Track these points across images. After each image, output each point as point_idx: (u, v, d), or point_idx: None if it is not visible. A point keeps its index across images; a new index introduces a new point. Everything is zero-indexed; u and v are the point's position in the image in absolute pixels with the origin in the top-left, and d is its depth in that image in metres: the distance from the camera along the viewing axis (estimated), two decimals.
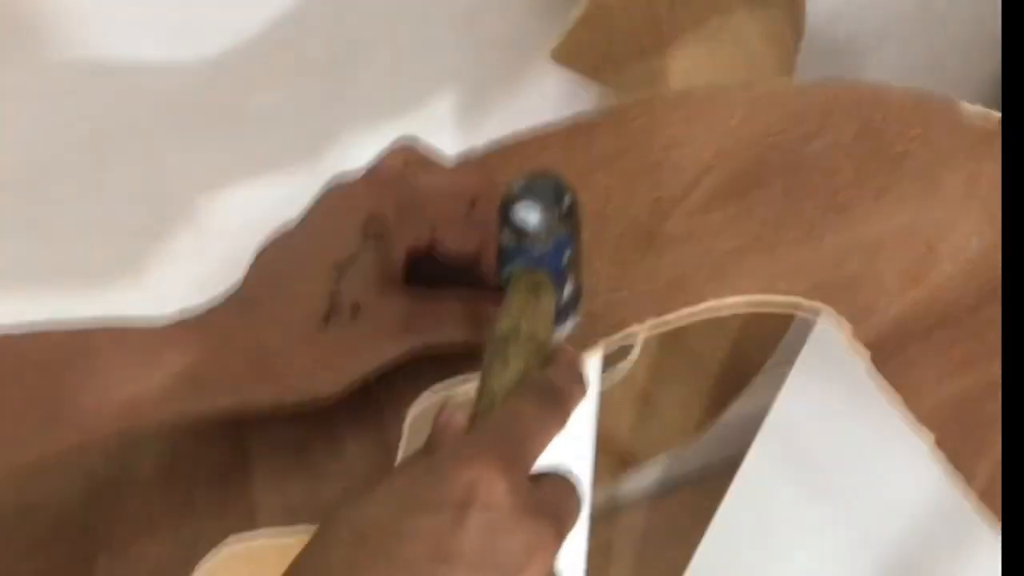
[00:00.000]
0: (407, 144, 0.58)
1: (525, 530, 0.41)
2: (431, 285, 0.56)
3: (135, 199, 0.91)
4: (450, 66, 0.96)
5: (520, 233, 0.51)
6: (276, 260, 0.56)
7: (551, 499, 0.44)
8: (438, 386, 0.58)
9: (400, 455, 0.56)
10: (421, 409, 0.58)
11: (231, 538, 0.53)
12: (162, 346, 0.52)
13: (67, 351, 0.51)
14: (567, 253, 0.53)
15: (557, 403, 0.46)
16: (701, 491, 1.49)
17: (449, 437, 0.45)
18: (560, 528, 0.43)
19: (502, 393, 0.47)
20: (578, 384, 0.48)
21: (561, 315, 0.55)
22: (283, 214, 0.65)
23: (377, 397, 0.57)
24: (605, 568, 1.52)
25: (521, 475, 0.43)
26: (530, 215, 0.51)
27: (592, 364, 0.65)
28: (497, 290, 0.53)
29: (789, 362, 0.97)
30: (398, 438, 0.56)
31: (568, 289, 0.55)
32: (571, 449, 0.76)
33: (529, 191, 0.51)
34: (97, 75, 0.81)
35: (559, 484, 0.45)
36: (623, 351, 1.17)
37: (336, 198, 0.57)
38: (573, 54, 0.91)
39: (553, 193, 0.51)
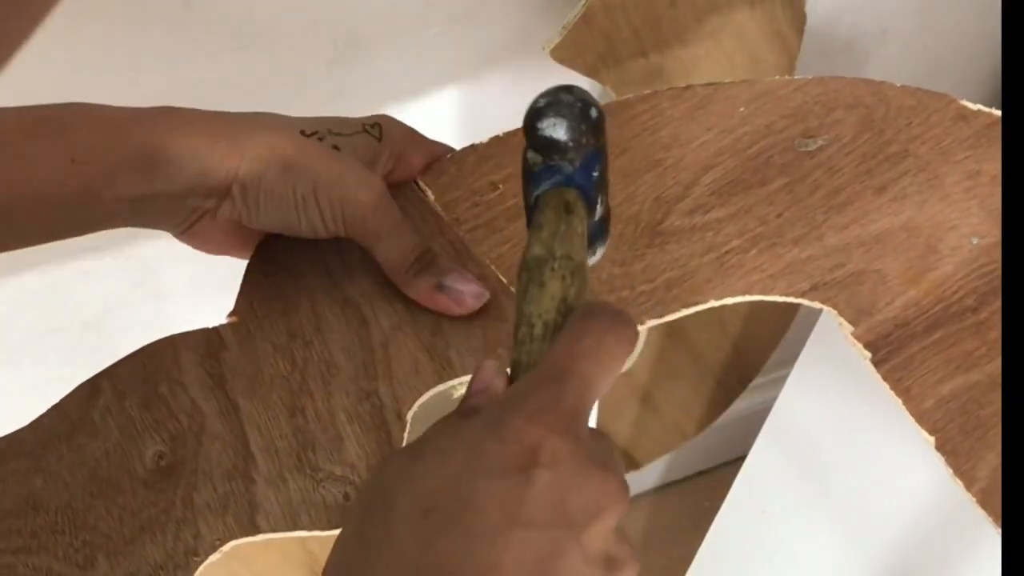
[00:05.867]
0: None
1: (595, 483, 0.40)
2: None
3: None
4: (450, 66, 0.96)
5: (546, 150, 0.48)
6: None
7: (609, 449, 0.42)
8: (439, 387, 0.58)
9: None
10: (421, 409, 0.58)
11: (230, 544, 0.53)
12: (129, 123, 0.56)
13: (42, 127, 0.54)
14: (597, 170, 0.49)
15: (616, 329, 0.42)
16: (701, 491, 1.50)
17: (487, 400, 0.43)
18: (623, 481, 0.41)
19: (541, 319, 0.44)
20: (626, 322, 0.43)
21: (591, 241, 0.51)
22: None
23: (379, 396, 0.57)
24: None
25: (583, 426, 0.41)
26: (557, 129, 0.47)
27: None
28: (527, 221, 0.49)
29: (790, 362, 0.97)
30: (399, 438, 0.56)
31: (599, 211, 0.51)
32: None
33: (554, 105, 0.48)
34: (97, 72, 0.81)
35: (606, 438, 0.43)
36: None
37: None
38: (573, 53, 0.91)
39: (580, 105, 0.48)
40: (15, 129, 0.54)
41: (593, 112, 0.48)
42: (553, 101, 0.48)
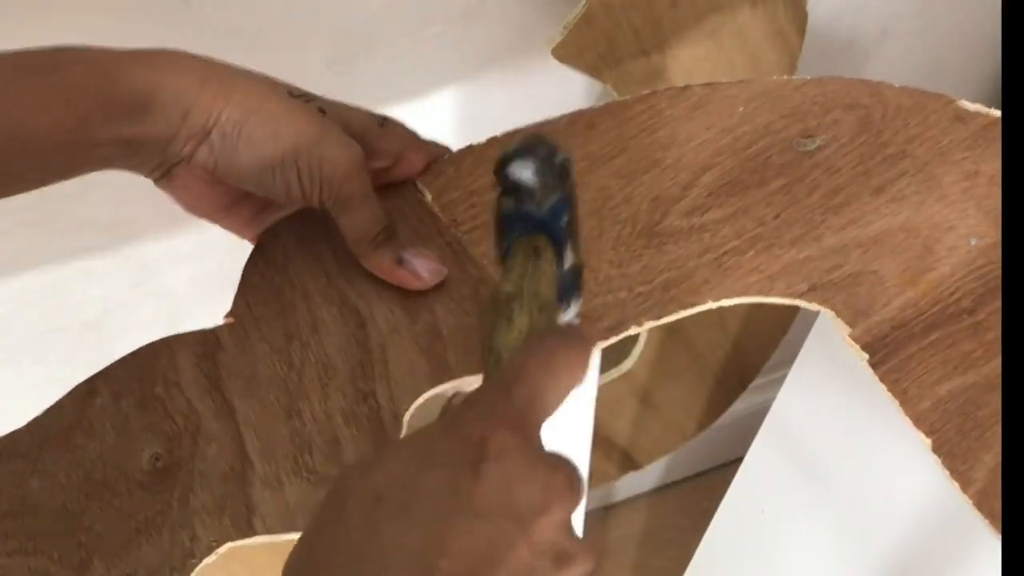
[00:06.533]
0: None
1: (542, 477, 0.41)
2: None
3: (136, 197, 0.91)
4: (450, 66, 0.96)
5: (516, 193, 0.51)
6: None
7: (562, 454, 0.43)
8: (436, 388, 0.58)
9: None
10: (420, 410, 0.58)
11: (226, 546, 0.53)
12: (121, 63, 0.55)
13: (34, 69, 0.54)
14: (564, 217, 0.52)
15: (569, 347, 0.44)
16: (701, 491, 1.49)
17: None
18: (573, 479, 0.42)
19: (508, 350, 0.46)
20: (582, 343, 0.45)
21: (563, 294, 0.53)
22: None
23: (376, 398, 0.57)
24: (604, 568, 1.51)
25: (534, 426, 0.43)
26: (524, 172, 0.50)
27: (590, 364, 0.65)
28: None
29: (789, 362, 0.97)
30: (397, 440, 0.56)
31: (568, 260, 0.53)
32: (568, 448, 0.76)
33: (522, 150, 0.51)
34: None
35: (562, 455, 0.44)
36: (622, 350, 1.17)
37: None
38: (574, 52, 0.91)
39: (546, 152, 0.51)
40: (7, 71, 0.54)
41: (559, 157, 0.51)
42: (521, 147, 0.51)
